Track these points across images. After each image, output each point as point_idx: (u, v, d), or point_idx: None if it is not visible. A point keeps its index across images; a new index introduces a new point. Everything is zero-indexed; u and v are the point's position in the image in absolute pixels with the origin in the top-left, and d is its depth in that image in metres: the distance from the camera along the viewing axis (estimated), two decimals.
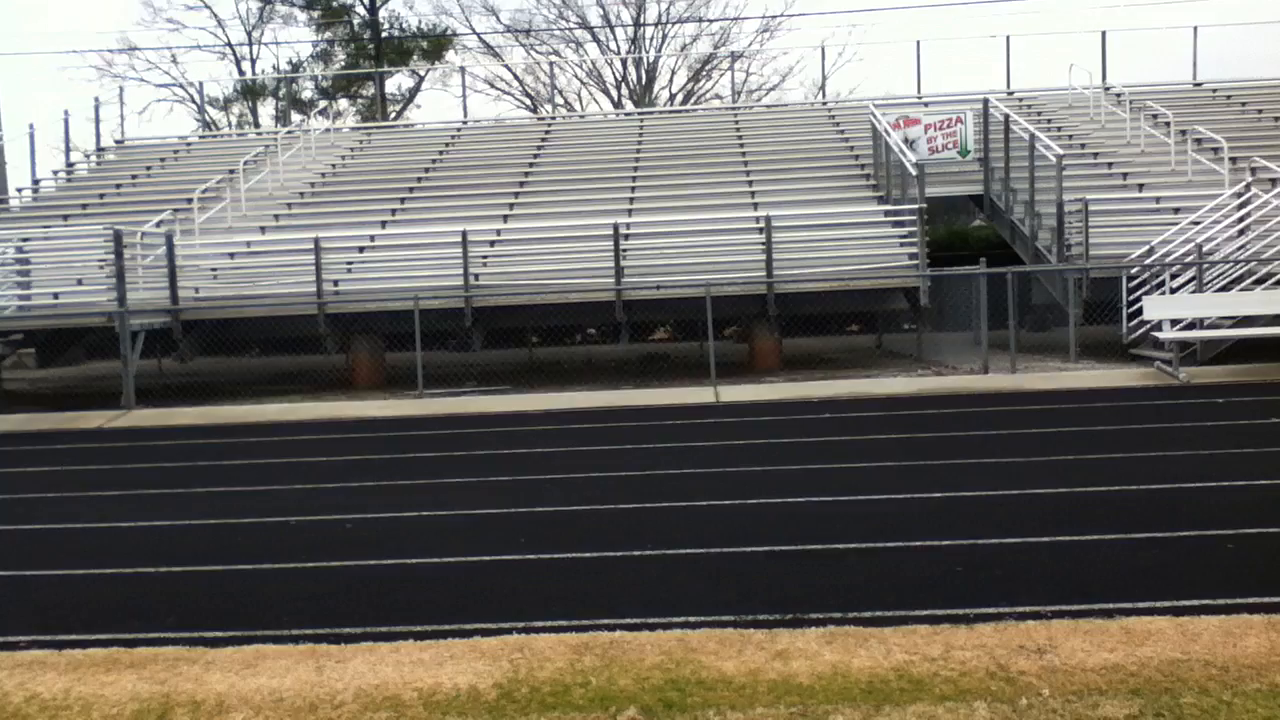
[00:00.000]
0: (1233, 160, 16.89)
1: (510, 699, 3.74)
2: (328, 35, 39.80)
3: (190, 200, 17.67)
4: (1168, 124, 18.70)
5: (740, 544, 5.74)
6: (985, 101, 18.72)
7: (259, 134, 27.52)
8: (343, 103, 39.87)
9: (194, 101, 38.60)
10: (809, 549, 5.59)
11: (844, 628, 4.30)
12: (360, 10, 39.12)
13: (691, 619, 4.48)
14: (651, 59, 39.29)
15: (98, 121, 24.51)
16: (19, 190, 21.90)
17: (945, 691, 3.64)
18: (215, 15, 38.59)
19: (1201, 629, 4.11)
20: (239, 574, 5.61)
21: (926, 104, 21.35)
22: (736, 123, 23.19)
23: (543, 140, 22.78)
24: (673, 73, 39.96)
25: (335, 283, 15.16)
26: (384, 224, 17.89)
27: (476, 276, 14.91)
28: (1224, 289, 13.35)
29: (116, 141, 24.91)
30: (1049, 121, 20.61)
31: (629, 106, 37.48)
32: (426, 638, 4.39)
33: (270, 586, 5.35)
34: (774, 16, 38.72)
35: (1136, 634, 4.08)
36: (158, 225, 15.97)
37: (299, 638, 4.46)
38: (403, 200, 19.21)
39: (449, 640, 4.34)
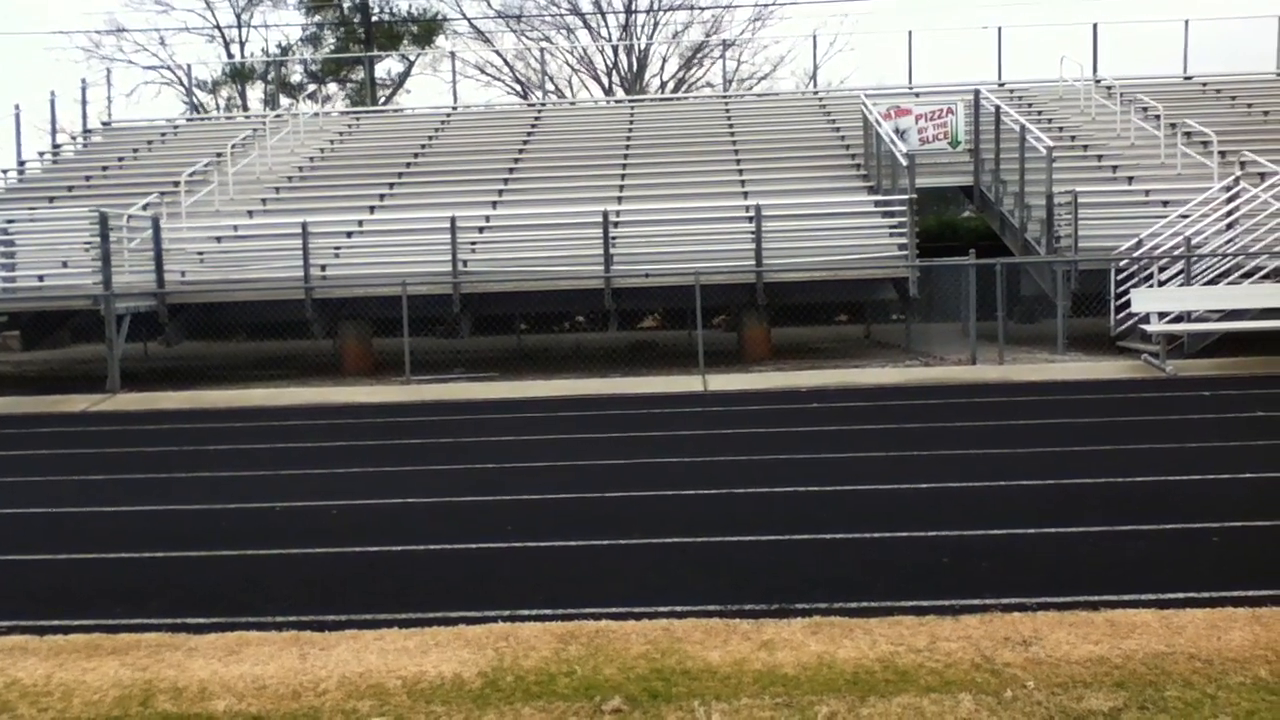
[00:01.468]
0: (1222, 154, 16.94)
1: (495, 687, 3.72)
2: (317, 19, 39.50)
3: (177, 183, 17.54)
4: (1158, 117, 18.74)
5: (727, 533, 5.73)
6: (976, 92, 18.72)
7: (247, 117, 27.32)
8: (332, 87, 39.61)
9: (182, 84, 38.27)
10: (795, 539, 5.59)
11: (830, 618, 4.29)
12: None
13: (678, 608, 4.47)
14: (643, 46, 39.13)
15: (84, 103, 24.31)
16: (4, 172, 21.70)
17: (930, 683, 3.64)
18: None
19: (1186, 622, 4.12)
20: (223, 560, 5.58)
21: (918, 94, 21.33)
22: (727, 111, 23.14)
23: (533, 127, 22.70)
24: (664, 60, 39.79)
25: (323, 268, 15.09)
26: (372, 209, 17.80)
27: (465, 263, 14.85)
28: (1212, 282, 13.41)
29: (103, 124, 24.72)
30: (1039, 113, 20.62)
31: (620, 94, 37.35)
32: (411, 625, 4.37)
33: (254, 573, 5.32)
34: (766, 5, 38.37)
35: (1121, 626, 4.09)
36: (144, 208, 15.87)
37: (282, 625, 4.44)
38: (391, 185, 19.12)
39: (434, 628, 4.32)
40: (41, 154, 22.99)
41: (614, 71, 39.58)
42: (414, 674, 3.85)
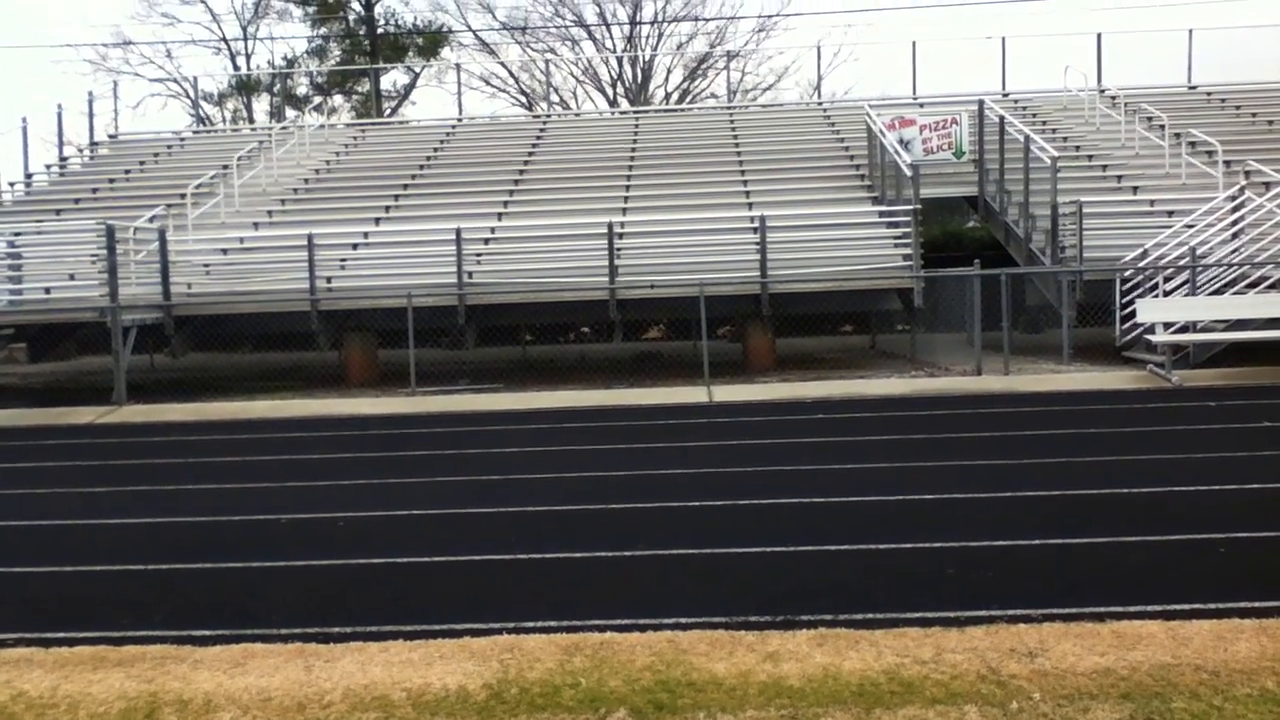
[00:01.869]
0: (1227, 163, 16.93)
1: (500, 699, 3.72)
2: (323, 31, 39.71)
3: (183, 195, 17.59)
4: (1162, 127, 18.74)
5: (732, 544, 5.72)
6: (980, 103, 18.74)
7: (253, 129, 27.43)
8: (337, 99, 39.78)
9: (188, 96, 38.53)
10: (800, 550, 5.58)
11: (835, 630, 4.29)
12: (355, 6, 39.08)
13: (682, 620, 4.47)
14: (647, 58, 39.27)
15: (91, 116, 24.44)
16: (11, 184, 21.78)
17: (936, 694, 3.63)
18: (210, 10, 38.42)
19: (1192, 633, 4.11)
20: (228, 571, 5.58)
21: (922, 105, 21.36)
22: (732, 122, 23.18)
23: (538, 138, 22.75)
24: (668, 71, 39.94)
25: (328, 279, 15.11)
26: (378, 221, 17.85)
27: (470, 274, 14.88)
28: (1217, 292, 13.38)
29: (110, 136, 24.82)
30: (1044, 123, 20.63)
31: (624, 105, 37.43)
32: (416, 637, 4.37)
33: (260, 584, 5.33)
34: (770, 16, 38.76)
35: (1127, 637, 4.08)
36: (151, 220, 15.93)
37: (288, 636, 4.44)
38: (397, 197, 19.17)
39: (439, 640, 4.33)
40: (48, 166, 23.08)
41: (619, 83, 39.71)
42: (419, 686, 3.86)
